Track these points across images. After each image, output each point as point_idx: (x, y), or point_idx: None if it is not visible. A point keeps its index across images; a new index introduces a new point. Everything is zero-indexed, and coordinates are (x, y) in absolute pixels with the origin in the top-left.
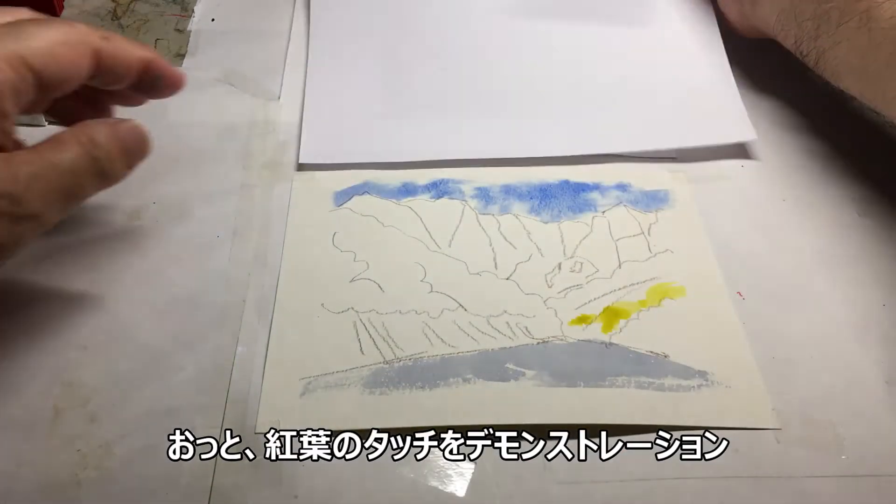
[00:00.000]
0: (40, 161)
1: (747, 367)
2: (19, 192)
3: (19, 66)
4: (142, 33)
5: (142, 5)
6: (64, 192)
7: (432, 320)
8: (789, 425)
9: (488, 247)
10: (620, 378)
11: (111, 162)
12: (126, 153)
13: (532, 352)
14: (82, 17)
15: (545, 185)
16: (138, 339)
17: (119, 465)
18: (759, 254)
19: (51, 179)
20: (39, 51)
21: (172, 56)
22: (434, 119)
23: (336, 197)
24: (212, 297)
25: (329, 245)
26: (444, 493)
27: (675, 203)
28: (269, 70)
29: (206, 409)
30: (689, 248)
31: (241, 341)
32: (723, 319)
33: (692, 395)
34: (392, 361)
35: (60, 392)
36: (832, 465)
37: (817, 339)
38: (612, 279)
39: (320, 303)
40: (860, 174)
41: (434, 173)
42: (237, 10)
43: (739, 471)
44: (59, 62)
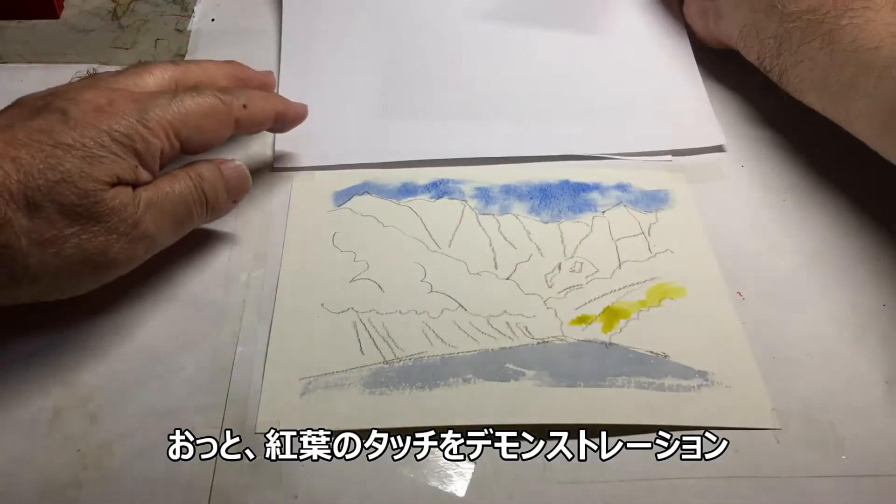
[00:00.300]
0: (155, 190)
1: (747, 367)
2: (138, 217)
3: (172, 137)
4: (142, 33)
5: (142, 5)
6: (175, 218)
7: (432, 320)
8: (789, 425)
9: (488, 247)
10: (620, 378)
11: (216, 193)
12: (229, 186)
13: (532, 352)
14: (82, 17)
15: (545, 185)
16: (138, 339)
17: (119, 465)
18: (759, 254)
19: (164, 206)
20: (190, 124)
21: (172, 56)
22: (425, 120)
23: (336, 197)
24: (212, 297)
25: (329, 245)
26: (444, 493)
27: (675, 203)
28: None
29: (206, 409)
30: (689, 248)
31: (241, 341)
32: (723, 319)
33: (692, 395)
34: (392, 361)
35: (60, 392)
36: (832, 465)
37: (817, 339)
38: (612, 279)
39: (320, 303)
40: (860, 174)
41: (434, 173)
42: (237, 10)
43: (739, 471)
44: (203, 134)
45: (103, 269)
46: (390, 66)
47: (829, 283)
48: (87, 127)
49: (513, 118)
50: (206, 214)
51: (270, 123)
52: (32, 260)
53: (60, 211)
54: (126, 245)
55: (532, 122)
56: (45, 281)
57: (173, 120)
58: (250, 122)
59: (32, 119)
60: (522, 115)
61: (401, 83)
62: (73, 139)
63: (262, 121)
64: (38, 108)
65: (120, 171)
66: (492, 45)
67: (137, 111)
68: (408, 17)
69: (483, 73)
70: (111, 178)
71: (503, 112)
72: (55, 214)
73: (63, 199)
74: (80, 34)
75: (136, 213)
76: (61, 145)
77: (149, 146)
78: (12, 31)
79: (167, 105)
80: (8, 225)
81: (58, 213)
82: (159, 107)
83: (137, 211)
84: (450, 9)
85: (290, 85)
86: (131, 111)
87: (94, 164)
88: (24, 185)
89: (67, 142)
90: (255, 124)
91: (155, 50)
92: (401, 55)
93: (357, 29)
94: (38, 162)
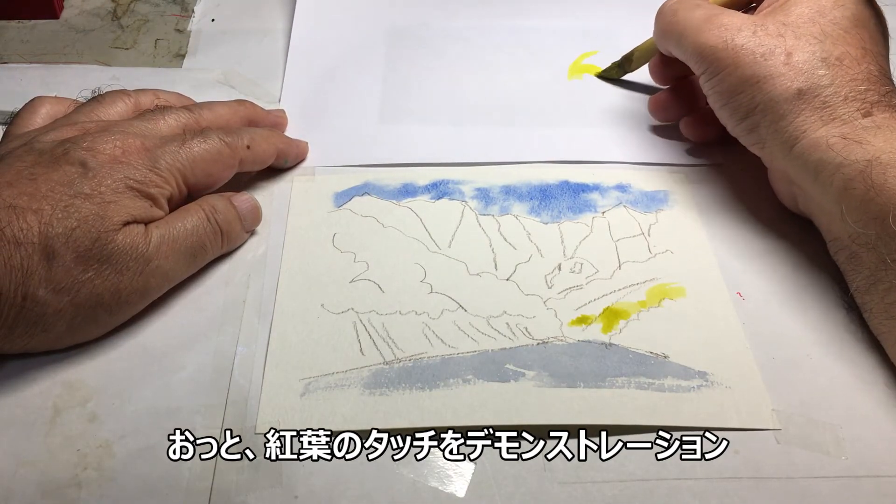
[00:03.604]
0: (167, 226)
1: (747, 367)
2: (150, 253)
3: (180, 182)
4: (142, 33)
5: (142, 5)
6: (188, 251)
7: (432, 321)
8: (789, 426)
9: (488, 247)
10: (620, 379)
11: (229, 224)
12: (242, 217)
13: (532, 352)
14: (82, 17)
15: (545, 185)
16: (138, 339)
17: (119, 465)
18: (759, 254)
19: (176, 240)
20: (197, 170)
21: (172, 56)
22: (425, 125)
23: (336, 198)
24: (212, 297)
25: (329, 246)
26: (444, 493)
27: (674, 203)
28: (269, 72)
29: (206, 409)
30: (689, 249)
31: (241, 341)
32: (723, 319)
33: (692, 396)
34: (392, 362)
35: (60, 392)
36: (832, 466)
37: (817, 340)
38: (612, 280)
39: (320, 303)
40: None
41: (434, 174)
42: (237, 10)
43: (739, 471)
44: (210, 178)
45: (116, 309)
46: (392, 70)
47: (829, 284)
48: (105, 177)
49: (513, 125)
50: (221, 246)
51: (273, 161)
52: (49, 310)
53: (76, 258)
54: (138, 281)
55: (532, 129)
56: (59, 328)
57: (182, 167)
58: (253, 161)
59: (53, 171)
60: (523, 121)
61: (401, 88)
62: (92, 188)
63: (265, 160)
64: (57, 158)
65: (133, 210)
66: (492, 51)
67: (150, 159)
68: (412, 23)
69: (483, 79)
70: (125, 217)
71: (503, 118)
72: (71, 262)
73: (79, 243)
74: (80, 34)
75: (148, 249)
76: (80, 195)
77: (161, 191)
78: (12, 31)
79: (177, 153)
80: (31, 277)
81: (73, 260)
82: (169, 154)
83: (149, 247)
84: (455, 16)
85: (294, 86)
86: (144, 160)
87: (109, 208)
88: (44, 236)
89: (86, 192)
90: (258, 163)
91: (155, 50)
92: (402, 60)
93: (361, 34)
94: (58, 212)
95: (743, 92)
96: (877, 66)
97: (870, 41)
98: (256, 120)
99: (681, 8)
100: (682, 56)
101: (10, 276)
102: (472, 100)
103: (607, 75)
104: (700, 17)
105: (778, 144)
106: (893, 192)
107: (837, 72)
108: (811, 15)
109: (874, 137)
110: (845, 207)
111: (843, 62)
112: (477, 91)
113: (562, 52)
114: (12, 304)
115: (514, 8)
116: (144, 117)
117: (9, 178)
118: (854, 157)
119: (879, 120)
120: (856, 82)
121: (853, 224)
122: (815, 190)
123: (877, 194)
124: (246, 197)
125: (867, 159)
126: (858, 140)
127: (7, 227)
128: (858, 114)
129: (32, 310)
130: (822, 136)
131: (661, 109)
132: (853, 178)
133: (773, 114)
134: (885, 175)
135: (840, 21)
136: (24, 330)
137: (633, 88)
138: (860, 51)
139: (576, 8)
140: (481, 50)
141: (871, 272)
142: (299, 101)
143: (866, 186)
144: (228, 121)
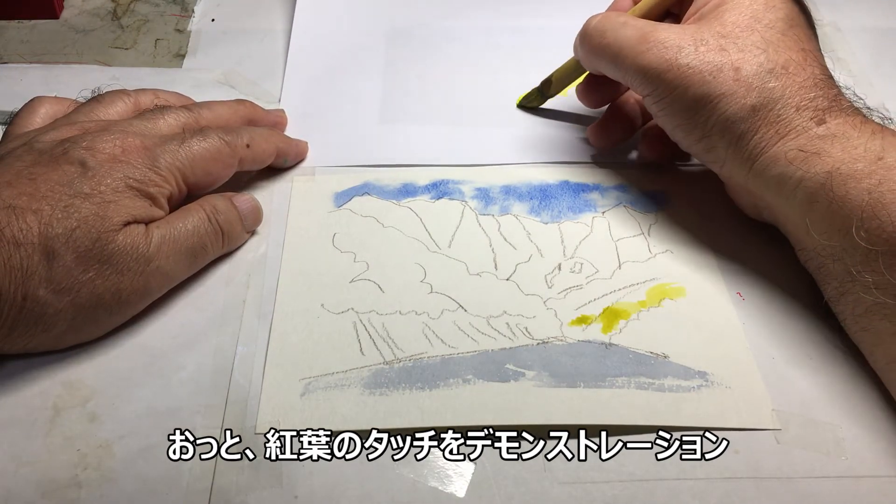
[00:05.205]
0: (168, 226)
1: (747, 367)
2: (150, 253)
3: (179, 181)
4: (142, 33)
5: (142, 5)
6: (189, 251)
7: (432, 321)
8: (789, 426)
9: (488, 247)
10: (620, 379)
11: (230, 224)
12: (243, 217)
13: (532, 352)
14: (82, 17)
15: (545, 185)
16: (138, 339)
17: (119, 465)
18: (759, 254)
19: (177, 240)
20: (197, 168)
21: (172, 56)
22: (424, 126)
23: (336, 198)
24: (212, 297)
25: (329, 246)
26: (444, 493)
27: (674, 203)
28: (269, 72)
29: (206, 409)
30: (689, 249)
31: (241, 341)
32: (723, 320)
33: (692, 396)
34: (392, 362)
35: (60, 392)
36: (832, 466)
37: (817, 340)
38: (612, 280)
39: (320, 303)
40: None
41: (434, 174)
42: (237, 10)
43: (739, 471)
44: (209, 177)
45: (116, 309)
46: (392, 71)
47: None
48: (104, 176)
49: (513, 125)
50: (222, 246)
51: (272, 160)
52: (49, 310)
53: (77, 258)
54: (139, 281)
55: (532, 129)
56: (59, 329)
57: (182, 166)
58: (253, 160)
59: (53, 171)
60: (523, 122)
61: (401, 88)
62: (91, 188)
63: (265, 159)
64: (57, 157)
65: (133, 210)
66: (492, 51)
67: (149, 158)
68: (410, 23)
69: (483, 79)
70: (125, 217)
71: (503, 118)
72: (72, 262)
73: (79, 244)
74: (80, 34)
75: (149, 250)
76: (80, 195)
77: (160, 190)
78: (12, 31)
79: (176, 151)
80: (32, 277)
81: (74, 260)
82: (169, 153)
83: (150, 248)
84: (455, 16)
85: (294, 86)
86: (144, 159)
87: (109, 207)
88: (44, 236)
89: (86, 191)
90: (258, 162)
91: (155, 50)
92: (402, 60)
93: (361, 34)
94: (58, 212)
95: (697, 112)
96: (819, 67)
97: (806, 40)
98: (256, 119)
99: (608, 27)
100: (619, 78)
101: (10, 276)
102: (472, 100)
103: (527, 104)
104: (633, 36)
105: (737, 163)
106: (855, 203)
107: (786, 81)
108: (747, 22)
109: (831, 147)
110: (810, 221)
111: (789, 70)
112: (477, 91)
113: (562, 52)
114: (12, 305)
115: (514, 8)
116: (144, 117)
117: (8, 178)
118: (814, 169)
119: (833, 127)
120: (805, 90)
121: (818, 236)
122: (779, 203)
123: (839, 207)
124: (247, 197)
125: (827, 171)
126: (816, 151)
127: (7, 228)
128: (812, 122)
129: (33, 310)
130: (781, 151)
131: (602, 136)
132: (815, 192)
133: (730, 134)
134: (846, 187)
135: (776, 24)
136: (24, 330)
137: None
138: (801, 53)
139: (576, 8)
140: (481, 50)
141: (840, 283)
142: (299, 101)
143: (829, 199)
144: (228, 120)
